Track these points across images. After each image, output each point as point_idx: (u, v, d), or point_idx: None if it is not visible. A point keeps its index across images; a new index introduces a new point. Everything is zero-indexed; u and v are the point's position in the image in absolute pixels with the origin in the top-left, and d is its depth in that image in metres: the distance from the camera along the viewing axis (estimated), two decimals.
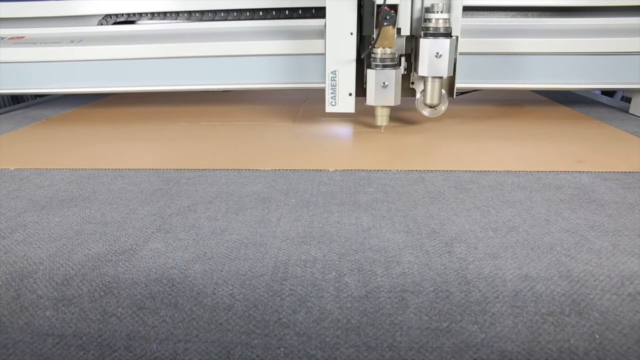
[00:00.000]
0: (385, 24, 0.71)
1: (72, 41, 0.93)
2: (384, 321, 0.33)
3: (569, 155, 0.68)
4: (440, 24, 0.73)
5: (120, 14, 1.01)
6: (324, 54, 0.77)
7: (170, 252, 0.42)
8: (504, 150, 0.72)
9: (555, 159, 0.67)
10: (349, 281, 0.37)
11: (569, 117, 0.93)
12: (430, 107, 0.80)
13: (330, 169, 0.63)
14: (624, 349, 0.30)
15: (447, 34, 0.73)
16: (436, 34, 0.73)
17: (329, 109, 0.79)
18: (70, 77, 0.93)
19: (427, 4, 0.75)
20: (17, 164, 0.68)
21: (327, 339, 0.31)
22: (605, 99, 1.13)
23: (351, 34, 0.75)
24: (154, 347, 0.31)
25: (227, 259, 0.41)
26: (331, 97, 0.79)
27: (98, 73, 0.92)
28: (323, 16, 0.76)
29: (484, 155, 0.69)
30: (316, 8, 0.96)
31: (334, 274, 0.38)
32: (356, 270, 0.39)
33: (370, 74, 0.75)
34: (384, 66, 0.74)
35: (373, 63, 0.75)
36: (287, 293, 0.36)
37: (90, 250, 0.42)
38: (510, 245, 0.42)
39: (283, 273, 0.38)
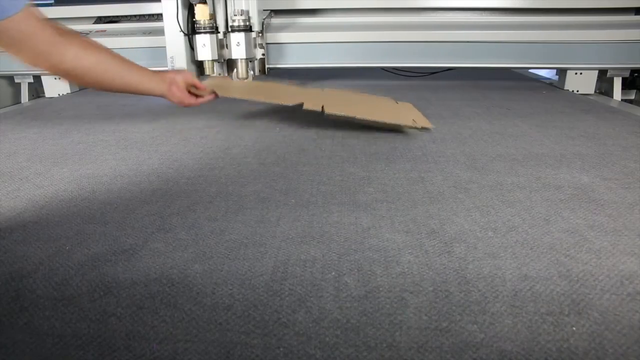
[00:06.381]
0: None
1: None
2: (383, 321, 0.33)
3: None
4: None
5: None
6: None
7: (170, 252, 0.42)
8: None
9: None
10: (349, 281, 0.37)
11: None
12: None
13: None
14: (623, 349, 0.30)
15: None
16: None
17: None
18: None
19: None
20: None
21: (327, 338, 0.31)
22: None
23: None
24: (154, 347, 0.31)
25: (227, 258, 0.41)
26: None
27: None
28: None
29: None
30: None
31: (333, 273, 0.38)
32: (355, 270, 0.39)
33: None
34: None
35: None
36: (286, 293, 0.36)
37: (89, 250, 0.42)
38: (509, 245, 0.42)
39: (282, 273, 0.38)
